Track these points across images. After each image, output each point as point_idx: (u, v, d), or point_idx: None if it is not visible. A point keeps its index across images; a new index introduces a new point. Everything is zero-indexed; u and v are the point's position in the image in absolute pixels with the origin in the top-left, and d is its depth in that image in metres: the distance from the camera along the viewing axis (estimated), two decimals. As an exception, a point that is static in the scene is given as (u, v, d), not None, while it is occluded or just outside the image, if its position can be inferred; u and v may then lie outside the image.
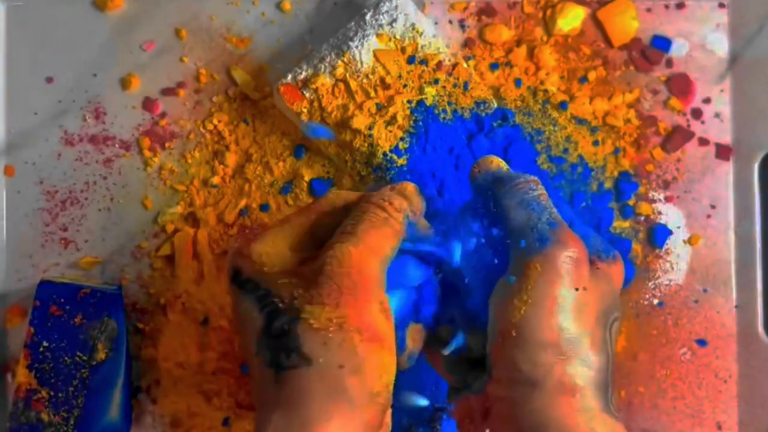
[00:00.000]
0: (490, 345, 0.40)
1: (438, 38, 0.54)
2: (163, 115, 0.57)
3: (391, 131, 0.52)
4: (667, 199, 0.57)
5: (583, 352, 0.39)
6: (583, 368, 0.39)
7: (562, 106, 0.56)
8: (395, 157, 0.52)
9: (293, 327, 0.39)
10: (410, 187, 0.44)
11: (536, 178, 0.44)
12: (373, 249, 0.40)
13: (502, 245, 0.42)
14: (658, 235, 0.56)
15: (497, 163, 0.45)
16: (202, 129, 0.57)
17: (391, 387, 0.40)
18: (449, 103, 0.53)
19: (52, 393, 0.52)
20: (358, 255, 0.39)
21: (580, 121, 0.56)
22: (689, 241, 0.57)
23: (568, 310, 0.39)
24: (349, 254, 0.39)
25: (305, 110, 0.53)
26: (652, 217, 0.57)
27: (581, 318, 0.39)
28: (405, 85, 0.53)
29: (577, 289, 0.39)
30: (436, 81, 0.53)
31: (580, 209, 0.56)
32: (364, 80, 0.53)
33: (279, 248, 0.41)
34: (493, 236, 0.43)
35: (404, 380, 0.53)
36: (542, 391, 0.38)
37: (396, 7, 0.53)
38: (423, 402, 0.49)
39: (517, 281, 0.39)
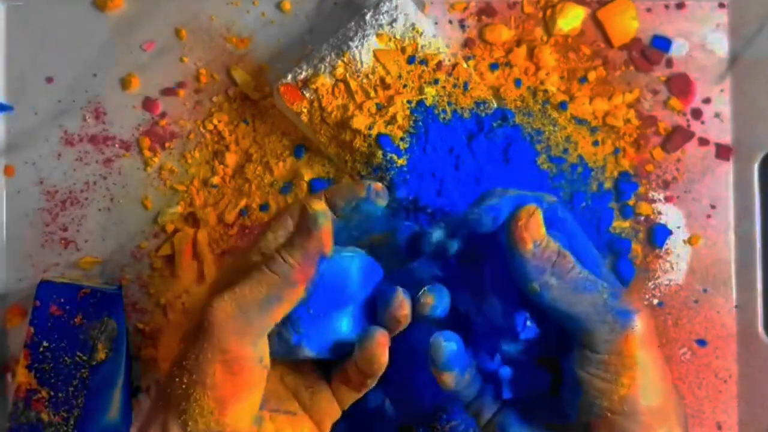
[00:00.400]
0: (592, 419, 0.40)
1: (438, 38, 0.54)
2: (163, 115, 0.57)
3: (391, 131, 0.52)
4: (667, 199, 0.57)
5: (674, 404, 0.41)
6: (680, 419, 0.41)
7: (562, 106, 0.56)
8: (395, 157, 0.52)
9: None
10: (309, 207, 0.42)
11: (558, 247, 0.40)
12: (234, 299, 0.40)
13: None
14: (658, 235, 0.56)
15: (542, 230, 0.40)
16: (202, 129, 0.57)
17: None
18: (449, 103, 0.53)
19: (52, 393, 0.52)
20: (215, 303, 0.40)
21: (580, 121, 0.56)
22: (689, 241, 0.57)
23: (662, 372, 0.40)
24: (209, 302, 0.41)
25: (305, 110, 0.53)
26: (652, 217, 0.57)
27: (666, 372, 0.41)
28: (405, 85, 0.53)
29: (659, 346, 0.41)
30: (436, 81, 0.53)
31: (580, 209, 0.56)
32: (364, 80, 0.53)
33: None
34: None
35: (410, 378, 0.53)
36: None
37: (396, 7, 0.53)
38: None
39: (613, 359, 0.39)
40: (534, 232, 0.39)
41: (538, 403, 0.43)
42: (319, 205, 0.42)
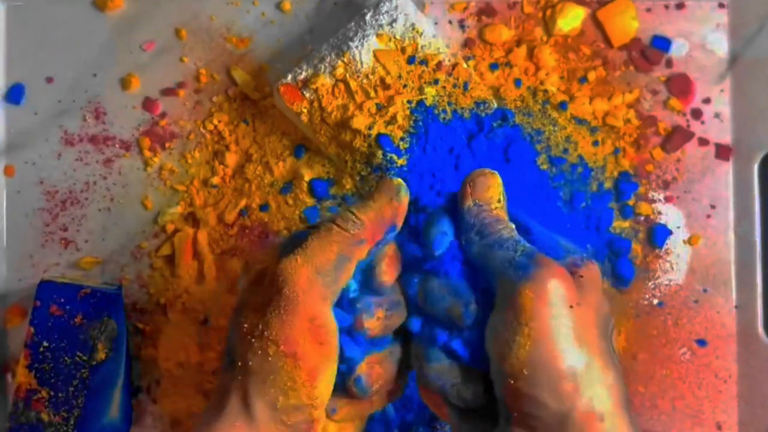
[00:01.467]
0: (501, 389, 0.38)
1: (438, 38, 0.54)
2: (163, 115, 0.57)
3: (391, 131, 0.52)
4: (667, 199, 0.57)
5: (597, 372, 0.38)
6: (602, 389, 0.38)
7: (562, 106, 0.56)
8: (395, 157, 0.52)
9: (232, 328, 0.41)
10: (387, 188, 0.43)
11: (496, 210, 0.42)
12: (309, 260, 0.39)
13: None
14: (658, 235, 0.56)
15: (493, 190, 0.42)
16: (202, 129, 0.57)
17: (309, 411, 0.39)
18: (449, 103, 0.53)
19: (52, 393, 0.52)
20: (291, 267, 0.39)
21: (580, 121, 0.56)
22: (689, 241, 0.57)
23: (571, 332, 0.38)
24: (284, 266, 0.39)
25: (305, 110, 0.53)
26: (652, 217, 0.57)
27: (585, 336, 0.38)
28: (405, 86, 0.53)
29: (572, 307, 0.38)
30: (436, 81, 0.53)
31: (580, 209, 0.56)
32: (364, 80, 0.53)
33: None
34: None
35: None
36: (572, 422, 0.37)
37: (396, 7, 0.53)
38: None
39: (510, 316, 0.38)
40: (479, 193, 0.42)
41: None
42: (401, 180, 0.43)
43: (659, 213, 0.57)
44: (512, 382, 0.37)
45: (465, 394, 0.41)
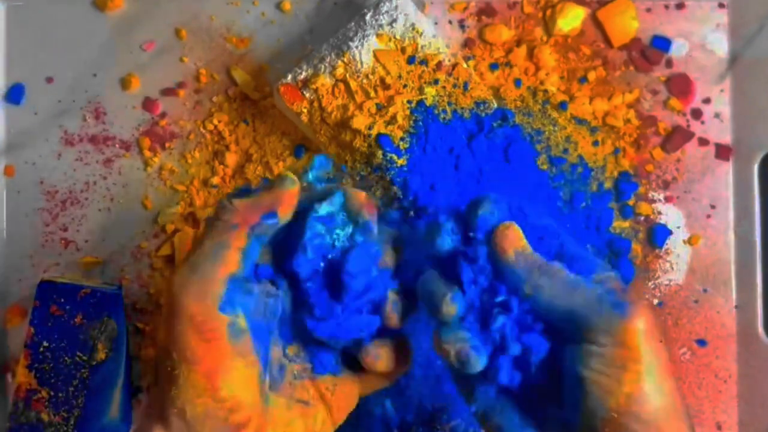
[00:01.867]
0: (598, 421, 0.39)
1: (438, 38, 0.54)
2: (163, 115, 0.57)
3: (391, 131, 0.52)
4: (667, 199, 0.57)
5: (679, 406, 0.39)
6: (687, 420, 0.39)
7: (562, 106, 0.56)
8: (395, 157, 0.52)
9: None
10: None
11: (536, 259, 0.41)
12: (184, 261, 0.39)
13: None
14: (658, 235, 0.56)
15: (523, 240, 0.41)
16: (202, 129, 0.57)
17: (224, 416, 0.38)
18: (449, 103, 0.53)
19: (52, 393, 0.52)
20: (173, 275, 0.39)
21: (580, 121, 0.56)
22: (689, 241, 0.57)
23: (666, 367, 0.39)
24: (171, 277, 0.39)
25: (305, 110, 0.53)
26: (652, 217, 0.57)
27: (670, 370, 0.39)
28: (405, 86, 0.53)
29: (661, 341, 0.39)
30: (436, 81, 0.53)
31: (580, 209, 0.56)
32: (364, 80, 0.53)
33: None
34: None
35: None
36: None
37: (396, 7, 0.53)
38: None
39: (616, 353, 0.38)
40: (513, 242, 0.41)
41: (536, 407, 0.43)
42: (291, 173, 0.42)
43: (659, 213, 0.57)
44: (615, 416, 0.38)
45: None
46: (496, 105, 0.55)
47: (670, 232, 0.56)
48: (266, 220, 0.40)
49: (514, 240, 0.41)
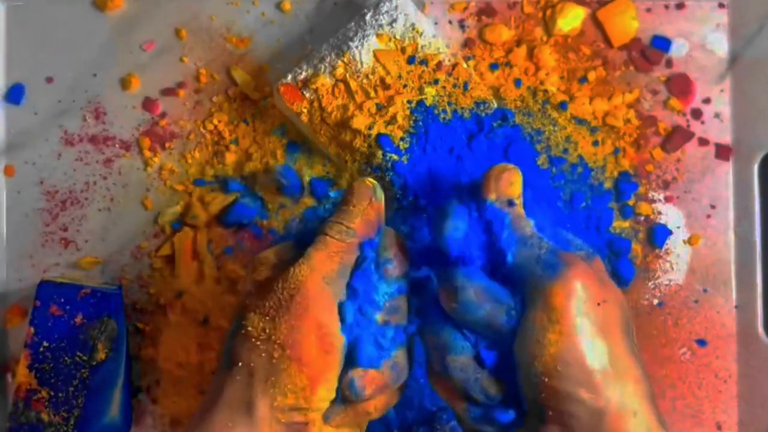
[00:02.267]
0: (535, 387, 0.39)
1: (438, 38, 0.54)
2: (163, 115, 0.57)
3: (391, 131, 0.52)
4: (667, 199, 0.57)
5: (624, 368, 0.39)
6: (631, 384, 0.38)
7: (562, 106, 0.56)
8: (395, 157, 0.52)
9: (234, 331, 0.42)
10: (361, 189, 0.44)
11: (517, 208, 0.43)
12: (317, 270, 0.41)
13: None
14: (658, 235, 0.56)
15: (516, 186, 0.44)
16: (202, 129, 0.57)
17: (305, 413, 0.40)
18: (449, 103, 0.53)
19: (52, 393, 0.52)
20: (303, 275, 0.41)
21: (580, 121, 0.56)
22: (689, 241, 0.57)
23: (600, 329, 0.39)
24: (293, 273, 0.41)
25: (305, 110, 0.53)
26: (652, 217, 0.57)
27: (611, 333, 0.39)
28: (405, 86, 0.53)
29: (599, 305, 0.39)
30: (436, 81, 0.53)
31: (580, 209, 0.56)
32: (364, 80, 0.53)
33: None
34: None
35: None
36: (608, 418, 0.37)
37: (396, 7, 0.53)
38: None
39: (540, 315, 0.38)
40: (503, 188, 0.43)
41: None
42: (374, 181, 0.44)
43: (659, 213, 0.57)
44: (546, 380, 0.38)
45: (490, 389, 0.41)
46: (496, 105, 0.55)
47: (670, 232, 0.56)
48: (377, 234, 0.43)
49: (505, 185, 0.43)
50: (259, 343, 0.40)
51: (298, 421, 0.40)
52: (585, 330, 0.38)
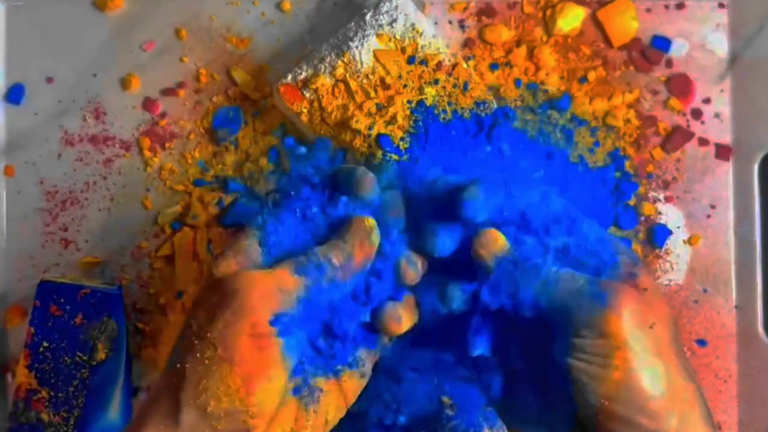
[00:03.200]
0: (594, 411, 0.39)
1: (438, 38, 0.54)
2: (163, 115, 0.57)
3: (391, 131, 0.52)
4: (667, 199, 0.57)
5: (683, 391, 0.39)
6: (690, 410, 0.39)
7: (563, 106, 0.56)
8: (395, 157, 0.52)
9: (182, 329, 0.41)
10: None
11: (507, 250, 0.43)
12: (274, 279, 0.40)
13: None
14: (658, 235, 0.56)
15: (501, 242, 0.43)
16: (202, 129, 0.57)
17: (243, 419, 0.38)
18: (449, 103, 0.53)
19: (52, 393, 0.52)
20: (250, 278, 0.39)
21: (580, 122, 0.56)
22: (689, 241, 0.57)
23: (656, 352, 0.39)
24: (242, 276, 0.40)
25: (305, 110, 0.53)
26: (652, 217, 0.57)
27: (667, 354, 0.39)
28: (405, 86, 0.53)
29: (651, 327, 0.39)
30: (436, 81, 0.53)
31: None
32: (364, 80, 0.53)
33: None
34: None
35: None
36: None
37: (396, 7, 0.53)
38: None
39: (599, 344, 0.39)
40: (490, 247, 0.42)
41: (525, 405, 0.43)
42: (374, 223, 0.43)
43: (659, 213, 0.57)
44: (607, 403, 0.38)
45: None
46: (496, 105, 0.55)
47: (670, 232, 0.56)
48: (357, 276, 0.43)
49: (490, 244, 0.42)
50: (196, 341, 0.38)
51: (234, 427, 0.38)
52: (643, 356, 0.38)
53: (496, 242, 0.42)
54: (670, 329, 0.40)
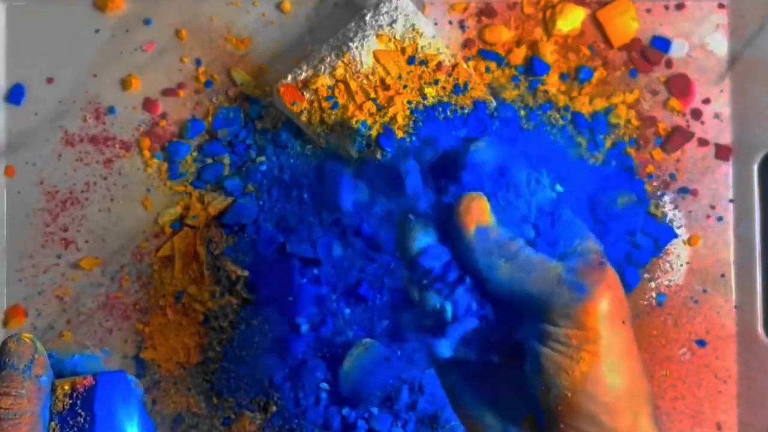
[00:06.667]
0: (555, 400, 0.38)
1: (438, 39, 0.54)
2: (163, 115, 0.57)
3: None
4: (667, 200, 0.57)
5: (640, 389, 0.39)
6: (644, 407, 0.39)
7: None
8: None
9: None
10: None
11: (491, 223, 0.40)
12: None
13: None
14: (661, 235, 0.56)
15: (487, 215, 0.40)
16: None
17: None
18: (449, 104, 0.53)
19: None
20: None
21: (580, 122, 0.56)
22: (689, 241, 0.57)
23: (626, 349, 0.39)
24: None
25: (305, 110, 0.53)
26: (657, 217, 0.57)
27: (632, 352, 0.39)
28: (405, 86, 0.53)
29: (623, 323, 0.39)
30: (436, 81, 0.53)
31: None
32: (364, 81, 0.53)
33: None
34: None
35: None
36: None
37: (396, 7, 0.53)
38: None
39: (572, 333, 0.38)
40: (477, 217, 0.39)
41: (496, 377, 0.42)
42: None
43: (663, 213, 0.57)
44: (570, 395, 0.38)
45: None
46: (495, 105, 0.55)
47: (675, 235, 0.56)
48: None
49: (478, 214, 0.40)
50: None
51: None
52: (613, 351, 0.38)
53: (482, 213, 0.40)
54: (631, 326, 0.40)
